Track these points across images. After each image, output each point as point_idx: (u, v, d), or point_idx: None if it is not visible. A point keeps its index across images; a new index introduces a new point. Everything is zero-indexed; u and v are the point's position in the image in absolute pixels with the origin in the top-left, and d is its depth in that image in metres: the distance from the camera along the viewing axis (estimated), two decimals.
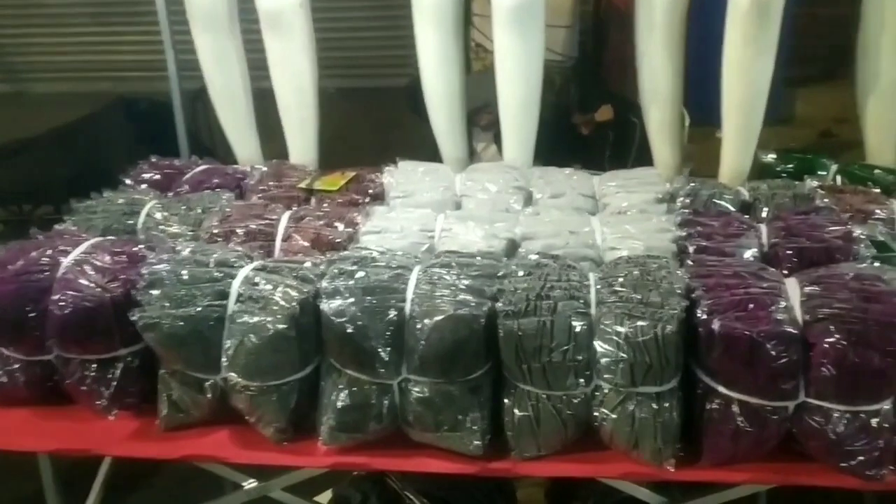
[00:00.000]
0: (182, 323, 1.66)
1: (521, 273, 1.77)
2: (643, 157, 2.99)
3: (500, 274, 1.78)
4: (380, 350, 1.66)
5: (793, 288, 1.69)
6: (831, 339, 1.53)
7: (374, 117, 5.37)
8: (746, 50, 2.38)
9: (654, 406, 1.62)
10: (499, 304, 1.66)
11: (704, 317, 1.60)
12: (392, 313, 1.66)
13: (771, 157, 2.58)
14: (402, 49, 4.09)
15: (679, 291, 1.68)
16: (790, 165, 2.54)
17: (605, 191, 2.36)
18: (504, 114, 2.58)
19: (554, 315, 1.64)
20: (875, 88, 2.50)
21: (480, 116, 3.29)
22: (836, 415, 1.57)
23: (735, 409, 1.61)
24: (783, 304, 1.62)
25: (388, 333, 1.66)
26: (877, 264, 1.83)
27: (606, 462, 1.70)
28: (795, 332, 1.56)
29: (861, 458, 1.57)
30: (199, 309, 1.67)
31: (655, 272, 1.77)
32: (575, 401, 1.66)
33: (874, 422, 1.55)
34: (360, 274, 1.75)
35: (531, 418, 1.68)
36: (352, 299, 1.66)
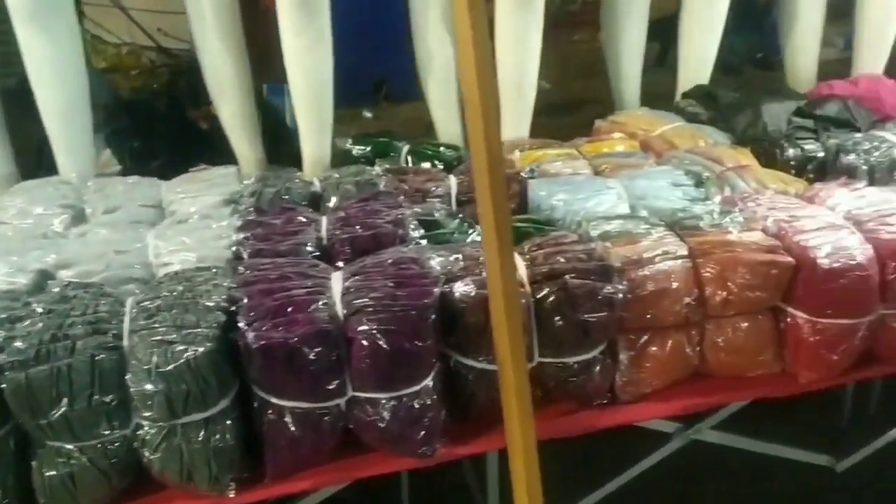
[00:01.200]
0: None
1: (40, 311, 1.54)
2: (274, 147, 2.88)
3: (13, 317, 1.53)
4: None
5: (337, 282, 1.68)
6: (364, 331, 1.53)
7: None
8: (298, 41, 2.36)
9: (203, 433, 1.51)
10: (1, 356, 1.42)
11: (242, 329, 1.52)
12: None
13: (348, 143, 2.61)
14: None
15: (220, 305, 1.58)
16: (367, 149, 2.58)
17: (172, 197, 2.19)
18: (47, 122, 2.27)
19: (73, 357, 1.44)
20: (430, 68, 2.64)
21: None
22: (382, 403, 1.58)
23: (289, 417, 1.56)
24: (324, 301, 1.59)
25: None
26: (424, 243, 1.91)
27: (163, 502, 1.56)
28: (332, 329, 1.54)
29: (412, 438, 1.62)
30: None
31: (201, 286, 1.65)
32: (113, 447, 1.49)
33: (417, 403, 1.60)
34: None
35: (64, 477, 1.47)
36: None
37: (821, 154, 2.33)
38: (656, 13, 3.35)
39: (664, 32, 3.29)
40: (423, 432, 1.61)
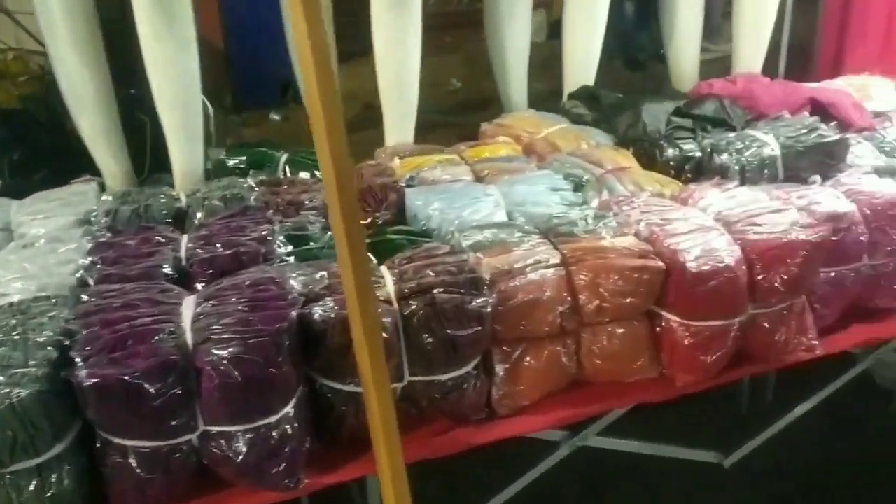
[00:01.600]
0: None
1: None
2: (161, 157, 2.72)
3: None
4: None
5: (189, 307, 1.57)
6: (213, 361, 1.43)
7: None
8: (160, 48, 2.22)
9: (37, 482, 1.38)
10: None
11: (76, 366, 1.40)
12: None
13: (222, 154, 2.48)
14: None
15: (53, 340, 1.45)
16: (242, 159, 2.46)
17: (23, 219, 2.03)
18: None
19: None
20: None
21: None
22: (237, 436, 1.49)
23: (133, 458, 1.45)
24: (170, 330, 1.48)
25: None
26: (291, 261, 1.82)
27: None
28: (178, 360, 1.44)
29: (272, 471, 1.53)
30: None
31: (36, 319, 1.52)
32: None
33: (276, 433, 1.51)
34: None
35: None
36: None
37: (698, 154, 2.33)
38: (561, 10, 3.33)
39: None
40: (284, 464, 1.53)
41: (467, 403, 1.74)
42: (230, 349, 1.44)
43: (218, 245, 1.81)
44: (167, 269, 1.76)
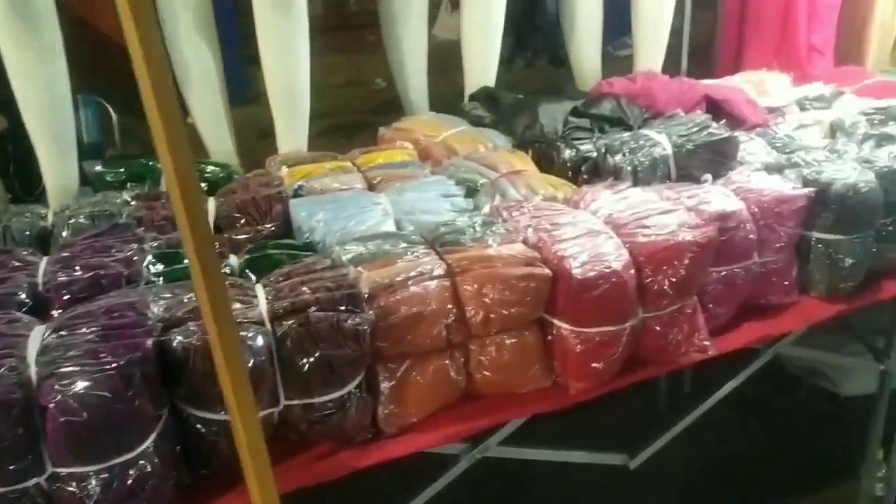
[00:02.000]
0: None
1: None
2: None
3: None
4: None
5: (36, 339, 1.45)
6: (57, 398, 1.32)
7: None
8: (24, 56, 2.09)
9: None
10: None
11: None
12: None
13: (98, 166, 2.34)
14: None
15: None
16: (120, 171, 2.32)
17: None
18: None
19: None
20: (188, 80, 2.41)
21: None
22: (90, 477, 1.38)
23: None
24: (13, 365, 1.36)
25: None
26: (160, 283, 1.71)
27: None
28: (18, 398, 1.32)
29: None
30: None
31: None
32: None
33: (133, 471, 1.40)
34: None
35: None
36: None
37: (595, 155, 2.30)
38: None
39: None
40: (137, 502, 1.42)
41: (350, 425, 1.66)
42: (76, 384, 1.33)
43: (77, 268, 1.69)
44: (22, 296, 1.63)
